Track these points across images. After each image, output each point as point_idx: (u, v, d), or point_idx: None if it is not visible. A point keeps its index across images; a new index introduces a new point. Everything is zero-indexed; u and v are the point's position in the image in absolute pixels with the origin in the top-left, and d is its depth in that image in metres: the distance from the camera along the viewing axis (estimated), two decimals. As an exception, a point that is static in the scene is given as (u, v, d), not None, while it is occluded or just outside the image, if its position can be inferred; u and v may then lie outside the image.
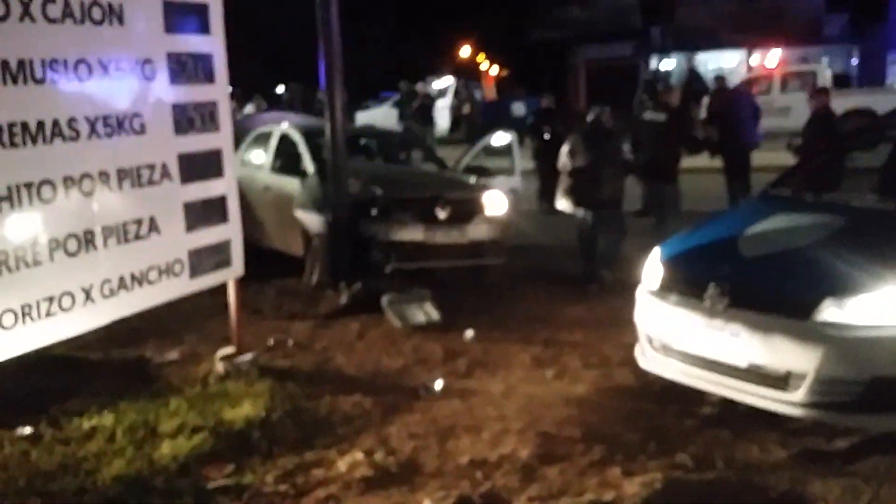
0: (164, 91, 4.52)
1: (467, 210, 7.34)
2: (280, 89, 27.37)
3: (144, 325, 6.20)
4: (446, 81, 24.32)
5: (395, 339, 5.93)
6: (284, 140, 8.58)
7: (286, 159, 8.31)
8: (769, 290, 3.95)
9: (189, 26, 4.67)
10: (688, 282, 4.16)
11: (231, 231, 5.06)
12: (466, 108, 20.59)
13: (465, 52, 42.26)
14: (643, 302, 4.43)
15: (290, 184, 7.93)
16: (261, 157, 8.84)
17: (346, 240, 7.09)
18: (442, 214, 7.20)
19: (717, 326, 3.90)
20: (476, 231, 7.30)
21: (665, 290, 4.29)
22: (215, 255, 4.95)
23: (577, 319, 6.39)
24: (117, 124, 4.24)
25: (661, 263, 4.42)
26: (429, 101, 18.37)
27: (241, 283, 7.77)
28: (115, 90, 4.22)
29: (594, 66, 35.29)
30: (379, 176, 7.59)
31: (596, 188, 7.25)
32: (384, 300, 6.48)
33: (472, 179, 8.05)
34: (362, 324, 6.30)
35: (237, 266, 5.13)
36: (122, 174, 4.28)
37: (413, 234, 7.08)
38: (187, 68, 4.66)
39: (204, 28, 4.77)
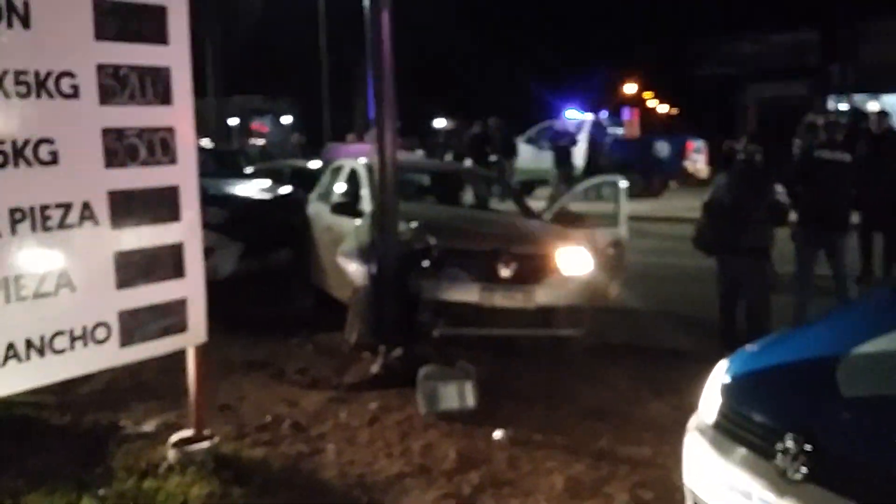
0: (90, 112, 3.58)
1: (537, 268, 6.04)
2: (440, 123, 26.79)
3: (153, 378, 5.45)
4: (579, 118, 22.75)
5: (410, 430, 4.72)
6: (353, 176, 7.63)
7: (350, 197, 7.33)
8: (878, 462, 2.35)
9: (134, 33, 3.73)
10: (755, 424, 2.68)
11: (188, 288, 4.03)
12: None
13: (630, 88, 40.68)
14: (691, 443, 2.99)
15: (348, 225, 6.93)
16: (328, 194, 7.95)
17: (392, 295, 5.96)
18: (504, 272, 5.94)
19: (786, 509, 2.40)
20: (546, 294, 5.98)
21: (722, 430, 2.82)
22: (162, 318, 3.94)
23: (656, 421, 4.92)
24: (13, 153, 3.34)
25: (722, 387, 2.96)
26: (565, 139, 17.02)
27: (283, 333, 6.96)
28: (11, 110, 3.33)
29: (766, 104, 32.76)
30: (436, 221, 6.42)
31: (739, 231, 6.25)
32: (420, 373, 5.30)
33: (552, 230, 6.71)
34: (383, 403, 5.14)
35: (196, 331, 4.10)
36: (17, 215, 3.36)
37: (466, 294, 5.86)
38: (129, 85, 3.71)
39: (158, 36, 3.82)
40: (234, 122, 39.89)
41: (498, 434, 4.56)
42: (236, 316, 7.46)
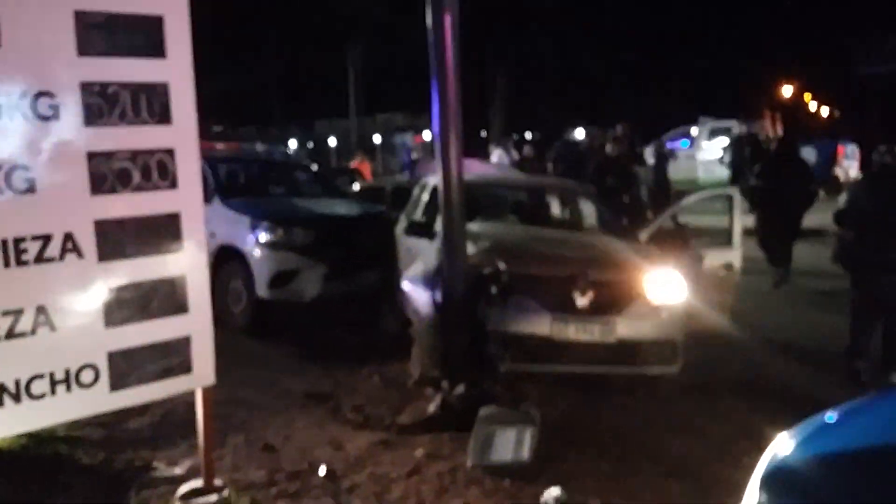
0: (74, 135, 3.28)
1: (618, 296, 5.33)
2: (580, 134, 26.16)
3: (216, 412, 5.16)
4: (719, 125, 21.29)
5: (451, 485, 4.15)
6: (434, 194, 7.15)
7: (428, 217, 6.87)
8: None
9: (125, 47, 3.41)
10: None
11: (192, 325, 3.67)
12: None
13: (786, 91, 38.38)
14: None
15: (421, 247, 6.47)
16: (410, 213, 7.52)
17: (457, 325, 5.43)
18: (580, 301, 5.27)
19: None
20: (629, 327, 5.25)
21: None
22: (162, 359, 3.59)
23: (746, 483, 4.12)
24: (-20, 180, 3.08)
25: (762, 478, 2.25)
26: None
27: (357, 361, 6.55)
28: (-23, 134, 3.08)
29: (939, 104, 29.92)
30: (508, 243, 5.83)
31: (887, 244, 5.61)
32: (480, 414, 4.74)
33: (641, 252, 5.94)
34: (432, 449, 4.61)
35: (203, 372, 3.73)
36: (-15, 249, 3.10)
37: (536, 325, 5.23)
38: (119, 103, 3.40)
39: (153, 49, 3.49)
40: (377, 139, 40.83)
41: (547, 496, 3.92)
42: (315, 341, 7.19)
